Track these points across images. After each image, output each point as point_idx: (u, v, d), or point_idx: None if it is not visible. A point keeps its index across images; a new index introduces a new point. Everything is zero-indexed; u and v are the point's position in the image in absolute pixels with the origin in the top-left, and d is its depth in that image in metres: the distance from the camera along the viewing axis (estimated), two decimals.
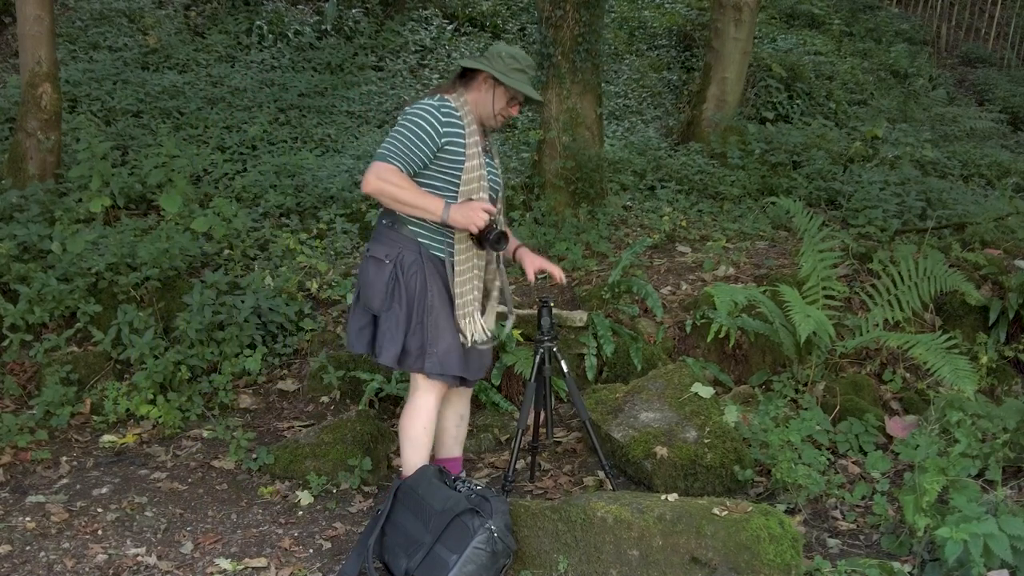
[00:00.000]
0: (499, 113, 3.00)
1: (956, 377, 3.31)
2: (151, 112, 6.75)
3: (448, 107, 2.90)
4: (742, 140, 6.98)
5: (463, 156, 2.89)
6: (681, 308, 4.51)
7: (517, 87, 2.93)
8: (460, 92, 2.99)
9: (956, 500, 2.84)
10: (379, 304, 2.97)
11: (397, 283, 2.94)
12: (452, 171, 2.90)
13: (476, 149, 2.92)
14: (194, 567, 2.95)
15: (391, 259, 2.94)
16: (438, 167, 2.90)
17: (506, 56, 2.94)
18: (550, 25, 5.29)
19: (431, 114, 2.86)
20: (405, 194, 2.83)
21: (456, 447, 3.25)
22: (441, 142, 2.86)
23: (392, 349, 2.95)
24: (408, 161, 2.85)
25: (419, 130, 2.84)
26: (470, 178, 2.90)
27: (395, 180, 2.83)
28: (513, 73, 2.94)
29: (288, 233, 5.09)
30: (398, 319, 2.94)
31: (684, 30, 9.74)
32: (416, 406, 3.04)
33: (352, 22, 8.87)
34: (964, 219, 5.52)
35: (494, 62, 2.95)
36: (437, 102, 2.90)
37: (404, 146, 2.85)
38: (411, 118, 2.87)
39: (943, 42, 11.84)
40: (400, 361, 2.97)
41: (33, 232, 4.47)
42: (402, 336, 2.94)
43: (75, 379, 3.99)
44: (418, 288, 2.93)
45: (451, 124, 2.88)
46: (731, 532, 2.70)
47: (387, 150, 2.86)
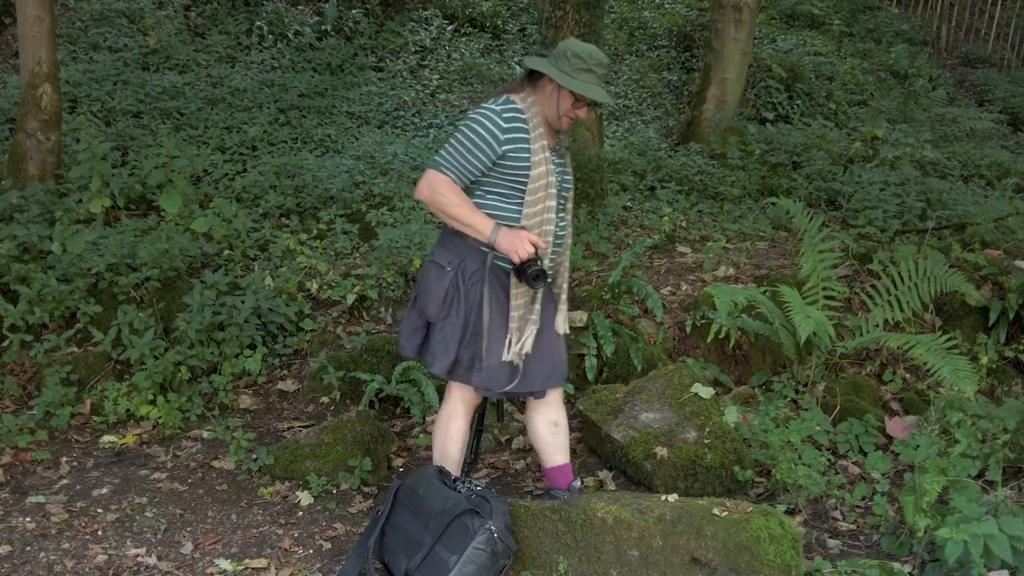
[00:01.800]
0: (564, 115, 2.86)
1: (956, 377, 3.30)
2: (151, 113, 6.75)
3: (512, 110, 2.80)
4: (742, 140, 6.98)
5: (528, 163, 2.79)
6: (681, 308, 4.51)
7: (581, 90, 2.78)
8: (528, 92, 2.86)
9: (956, 500, 2.84)
10: (435, 312, 2.90)
11: (457, 292, 2.86)
12: (516, 177, 2.80)
13: (543, 155, 2.81)
14: (194, 567, 2.95)
15: (453, 266, 2.87)
16: (501, 173, 2.81)
17: (572, 56, 2.79)
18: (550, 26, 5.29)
19: (491, 120, 2.76)
20: (455, 210, 2.77)
21: (558, 455, 3.12)
22: (501, 150, 2.77)
23: (445, 360, 2.89)
24: (462, 172, 2.78)
25: (477, 138, 2.76)
26: (536, 187, 2.80)
27: (446, 192, 2.77)
28: (579, 74, 2.78)
29: (288, 233, 5.09)
30: (454, 329, 2.87)
31: (684, 30, 9.74)
32: (444, 414, 3.06)
33: (352, 23, 8.88)
34: (964, 219, 5.52)
35: (559, 62, 2.80)
36: (500, 106, 2.79)
37: (460, 155, 2.77)
38: (471, 124, 2.78)
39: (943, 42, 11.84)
40: (451, 371, 2.91)
41: (33, 232, 4.47)
42: (456, 347, 2.87)
43: (75, 379, 3.99)
44: (477, 299, 2.85)
45: (514, 130, 2.78)
46: (731, 533, 2.70)
47: (442, 159, 2.79)
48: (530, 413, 3.14)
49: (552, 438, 3.11)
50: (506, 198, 2.83)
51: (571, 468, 3.18)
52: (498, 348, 2.86)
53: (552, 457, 3.13)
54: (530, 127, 2.81)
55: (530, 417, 3.15)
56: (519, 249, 2.73)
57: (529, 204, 2.81)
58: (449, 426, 3.07)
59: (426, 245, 4.81)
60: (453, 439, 3.06)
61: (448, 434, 3.07)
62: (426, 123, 7.46)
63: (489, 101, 2.85)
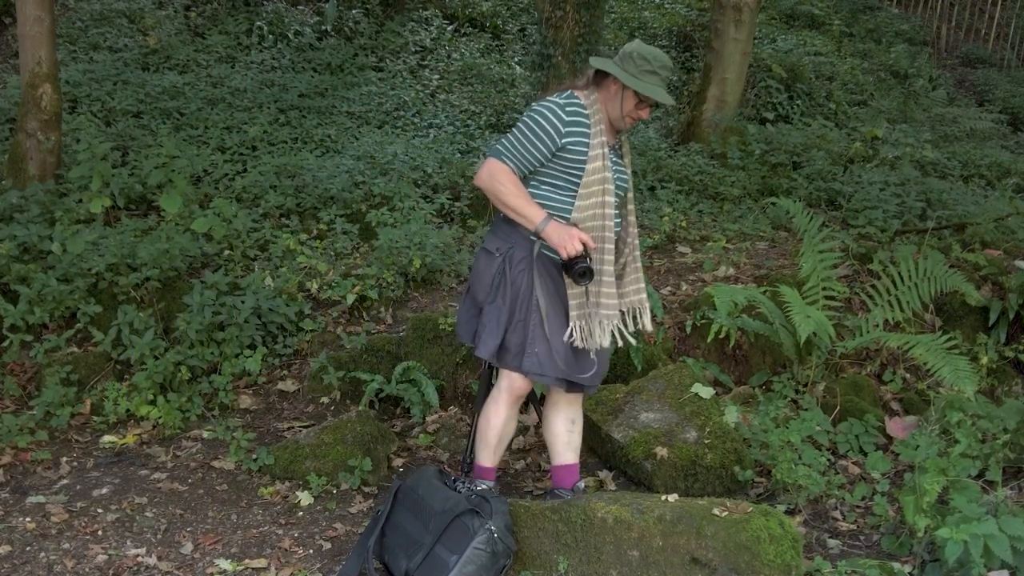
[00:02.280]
0: (627, 115, 2.91)
1: (956, 378, 3.31)
2: (151, 113, 6.75)
3: (575, 105, 2.85)
4: (742, 141, 6.98)
5: (585, 157, 2.84)
6: (681, 308, 4.51)
7: (645, 91, 2.83)
8: (592, 90, 2.92)
9: (956, 501, 2.84)
10: (483, 296, 2.98)
11: (504, 278, 2.93)
12: (573, 171, 2.85)
13: (601, 151, 2.85)
14: (194, 567, 2.95)
15: (501, 253, 2.94)
16: (559, 165, 2.86)
17: (637, 57, 2.84)
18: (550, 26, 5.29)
19: (554, 113, 2.82)
20: (510, 199, 2.83)
21: (570, 453, 3.17)
22: (562, 142, 2.82)
23: (491, 343, 2.95)
24: (522, 161, 2.84)
25: (539, 129, 2.81)
26: (591, 180, 2.84)
27: (504, 180, 2.83)
28: (644, 76, 2.83)
29: (288, 234, 5.09)
30: (500, 313, 2.94)
31: (684, 31, 9.74)
32: (489, 401, 3.10)
33: (352, 23, 8.88)
34: (964, 219, 5.52)
35: (625, 63, 2.85)
36: (564, 100, 2.85)
37: (521, 145, 2.83)
38: (534, 115, 2.84)
39: (943, 43, 11.84)
40: (499, 357, 2.97)
41: (33, 233, 4.47)
42: (502, 331, 2.93)
43: (75, 379, 3.98)
44: (524, 285, 2.91)
45: (575, 124, 2.83)
46: (731, 533, 2.70)
47: (504, 147, 2.86)
48: (549, 408, 3.18)
49: (568, 436, 3.16)
50: (560, 190, 2.88)
51: (578, 469, 3.20)
52: (551, 335, 2.90)
53: (563, 455, 3.16)
54: (591, 123, 2.85)
55: (548, 412, 3.18)
56: (568, 245, 2.77)
57: (583, 197, 2.85)
58: (488, 411, 3.12)
59: (426, 245, 4.82)
60: (491, 424, 3.10)
61: (488, 420, 3.11)
62: (426, 123, 7.46)
63: (553, 95, 2.91)
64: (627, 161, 3.04)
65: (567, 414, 3.15)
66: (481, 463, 3.16)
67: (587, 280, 2.81)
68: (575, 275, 2.80)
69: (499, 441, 3.13)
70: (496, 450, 3.14)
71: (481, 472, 3.15)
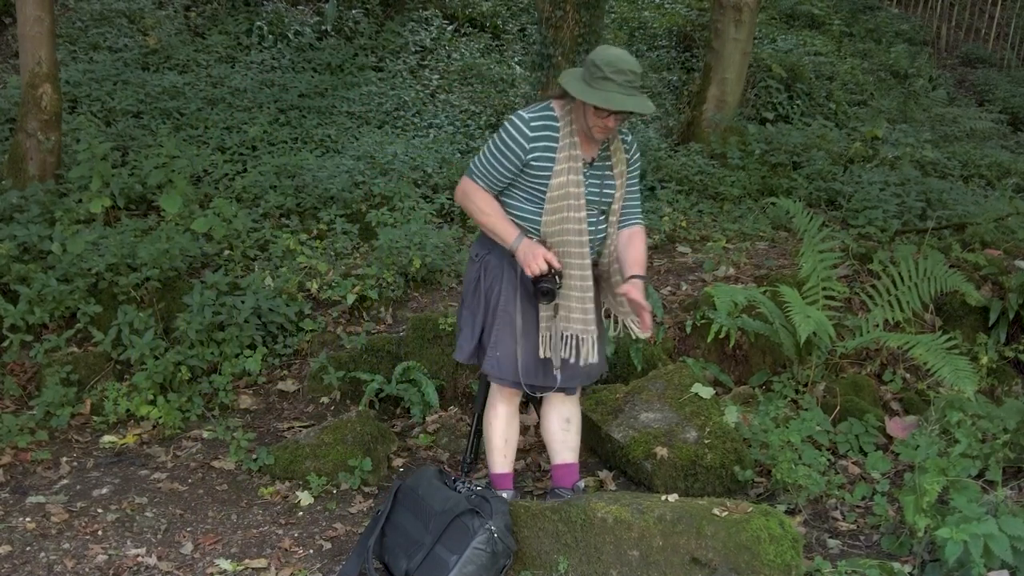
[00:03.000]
0: (593, 126, 2.77)
1: (956, 377, 3.31)
2: (151, 113, 6.75)
3: (544, 117, 2.81)
4: (742, 140, 6.98)
5: (550, 171, 2.80)
6: (681, 308, 4.51)
7: (592, 100, 2.68)
8: (568, 100, 2.83)
9: (956, 500, 2.84)
10: (467, 299, 3.05)
11: (479, 283, 2.98)
12: (539, 184, 2.82)
13: (568, 164, 2.78)
14: (194, 567, 2.96)
15: (479, 258, 2.99)
16: (527, 179, 2.84)
17: (590, 65, 2.72)
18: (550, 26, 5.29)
19: (517, 128, 2.78)
20: (482, 217, 2.88)
21: (567, 453, 3.17)
22: (527, 157, 2.79)
23: (466, 347, 3.03)
24: (491, 179, 2.85)
25: (503, 146, 2.80)
26: (555, 195, 2.80)
27: (476, 199, 2.88)
28: (597, 83, 2.69)
29: (288, 234, 5.09)
30: (475, 317, 3.00)
31: (684, 31, 9.74)
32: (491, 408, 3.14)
33: (352, 23, 8.88)
34: (964, 219, 5.52)
35: (584, 71, 2.74)
36: (532, 113, 2.82)
37: (489, 163, 2.84)
38: (500, 132, 2.83)
39: (943, 42, 11.84)
40: (478, 358, 3.04)
41: (33, 233, 4.47)
42: (478, 334, 3.00)
43: (75, 379, 3.99)
44: (496, 291, 2.95)
45: (542, 138, 2.78)
46: (731, 533, 2.70)
47: (474, 166, 2.89)
48: (545, 408, 3.19)
49: (563, 435, 3.16)
50: (530, 202, 2.87)
51: (577, 468, 3.20)
52: (509, 339, 2.93)
53: (561, 454, 3.17)
54: (561, 135, 2.80)
55: (544, 412, 3.19)
56: (531, 264, 2.78)
57: (548, 212, 2.84)
58: (488, 414, 3.17)
59: (426, 245, 4.82)
60: (491, 426, 3.14)
61: (488, 422, 3.16)
62: (426, 123, 7.46)
63: (529, 105, 2.92)
64: (619, 171, 2.93)
65: (561, 413, 3.15)
66: (495, 471, 3.16)
67: (547, 300, 2.83)
68: (537, 294, 2.83)
69: (506, 442, 3.14)
70: (505, 452, 3.14)
71: (498, 481, 3.15)
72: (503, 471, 3.15)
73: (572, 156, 2.81)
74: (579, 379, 3.08)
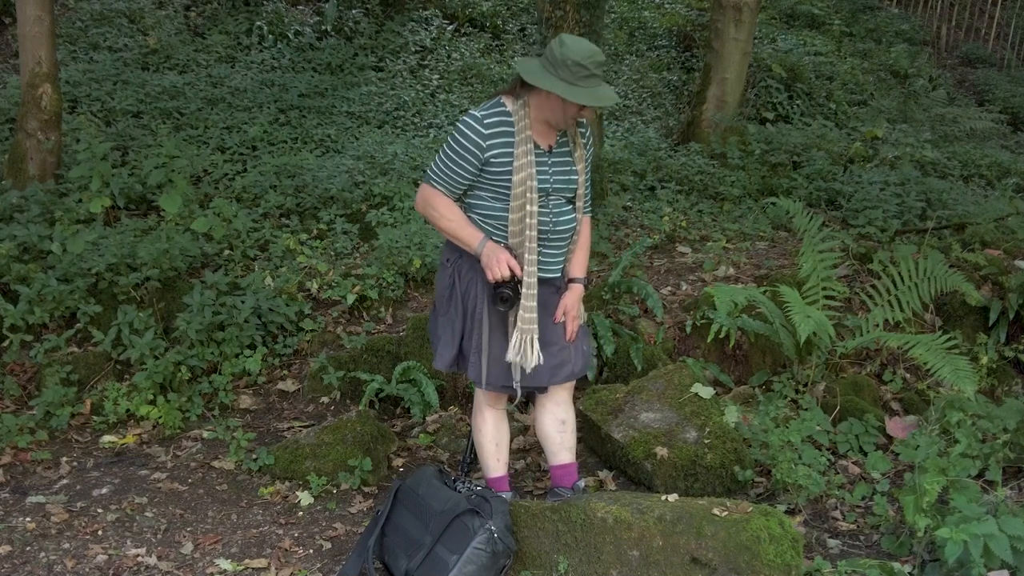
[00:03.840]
0: (568, 117, 2.79)
1: (956, 377, 3.30)
2: (151, 113, 6.75)
3: (497, 114, 2.78)
4: (742, 140, 6.98)
5: (510, 168, 2.79)
6: (681, 308, 4.51)
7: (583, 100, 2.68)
8: (522, 93, 2.82)
9: (956, 500, 2.84)
10: (441, 307, 3.00)
11: (454, 287, 2.93)
12: (498, 182, 2.81)
13: (527, 159, 2.78)
14: (194, 567, 2.96)
15: (451, 263, 2.94)
16: (488, 177, 2.81)
17: (572, 65, 2.67)
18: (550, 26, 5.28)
19: (472, 129, 2.76)
20: (444, 223, 2.85)
21: (564, 453, 3.14)
22: (485, 156, 2.77)
23: (447, 354, 2.97)
24: (450, 184, 2.83)
25: (460, 148, 2.78)
26: (517, 192, 2.79)
27: (436, 205, 2.84)
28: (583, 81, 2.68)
29: (288, 234, 5.09)
30: (454, 323, 2.94)
31: (684, 30, 9.74)
32: (478, 414, 3.12)
33: (352, 23, 8.87)
34: (964, 219, 5.52)
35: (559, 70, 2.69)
36: (484, 112, 2.79)
37: (446, 167, 2.81)
38: (454, 135, 2.80)
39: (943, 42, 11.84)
40: (459, 365, 2.99)
41: (33, 233, 4.47)
42: (457, 341, 2.95)
43: (75, 379, 3.99)
44: (472, 295, 2.91)
45: (497, 135, 2.77)
46: (731, 533, 2.70)
47: (431, 172, 2.85)
48: (539, 410, 3.17)
49: (559, 436, 3.13)
50: (496, 199, 2.85)
51: (576, 468, 3.19)
52: (493, 344, 2.90)
53: (558, 455, 3.15)
54: (516, 130, 2.79)
55: (539, 414, 3.17)
56: (494, 269, 2.77)
57: (514, 210, 2.81)
58: (475, 418, 3.15)
59: (426, 245, 4.81)
60: (480, 431, 3.13)
61: (477, 427, 3.15)
62: (426, 123, 7.46)
63: (477, 107, 2.87)
64: (578, 155, 2.93)
65: (555, 414, 3.12)
66: (490, 475, 3.15)
67: (506, 307, 2.81)
68: (496, 299, 2.81)
69: (497, 446, 3.13)
70: (498, 455, 3.13)
71: (495, 484, 3.14)
72: (498, 474, 3.15)
73: (529, 150, 2.79)
74: (559, 377, 3.02)
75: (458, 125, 2.81)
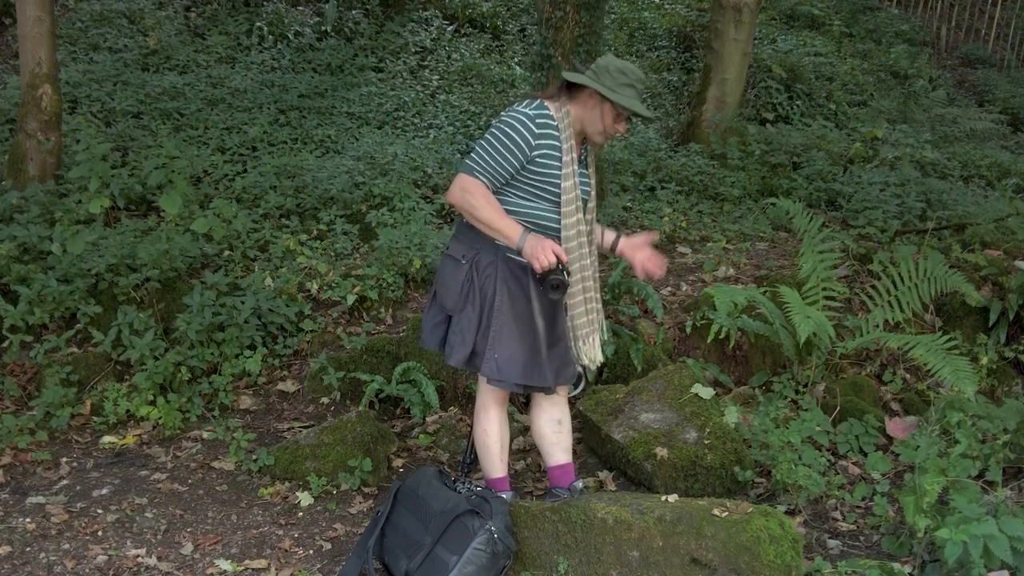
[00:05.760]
0: (606, 129, 2.88)
1: (956, 378, 3.30)
2: (151, 113, 6.75)
3: (545, 116, 2.81)
4: (742, 141, 6.98)
5: (558, 171, 2.81)
6: (681, 309, 4.51)
7: (627, 104, 2.80)
8: (563, 103, 2.87)
9: (956, 501, 2.84)
10: (452, 304, 2.95)
11: (472, 284, 2.90)
12: (544, 183, 2.82)
13: (573, 167, 2.84)
14: (194, 568, 2.96)
15: (468, 259, 2.91)
16: (529, 178, 2.82)
17: (614, 71, 2.81)
18: (550, 26, 5.28)
19: (524, 124, 2.77)
20: (485, 214, 2.79)
21: (560, 453, 3.14)
22: (532, 154, 2.79)
23: (462, 351, 2.94)
24: (494, 175, 2.81)
25: (509, 142, 2.77)
26: (569, 199, 2.83)
27: (477, 196, 2.79)
28: (622, 89, 2.81)
29: (288, 234, 5.09)
30: (470, 321, 2.92)
31: (684, 31, 9.74)
32: (477, 408, 3.11)
33: (352, 23, 8.88)
34: (964, 220, 5.52)
35: (602, 77, 2.82)
36: (534, 111, 2.81)
37: (492, 158, 2.79)
38: (503, 127, 2.79)
39: (943, 43, 11.84)
40: (471, 363, 2.96)
41: (33, 233, 4.47)
42: (473, 337, 2.92)
43: (75, 380, 3.99)
44: (491, 290, 2.89)
45: (546, 136, 2.79)
46: (731, 533, 2.70)
47: (474, 162, 2.81)
48: (535, 411, 3.17)
49: (555, 436, 3.13)
50: (530, 199, 2.85)
51: (573, 468, 3.18)
52: (512, 341, 2.88)
53: (555, 456, 3.14)
54: (563, 137, 2.82)
55: (534, 415, 3.17)
56: (540, 258, 2.73)
57: (566, 216, 2.85)
58: (481, 418, 3.11)
59: (426, 245, 4.82)
60: (487, 431, 3.10)
61: (481, 427, 3.11)
62: (426, 124, 7.46)
63: (522, 104, 2.86)
64: (591, 171, 3.01)
65: (551, 415, 3.12)
66: (491, 475, 3.14)
67: (559, 293, 2.79)
68: (547, 288, 2.78)
69: (502, 447, 3.12)
70: (501, 456, 3.13)
71: (495, 485, 3.14)
72: (501, 475, 3.14)
73: (574, 159, 2.85)
74: (563, 378, 3.04)
75: (507, 119, 2.80)
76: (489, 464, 3.14)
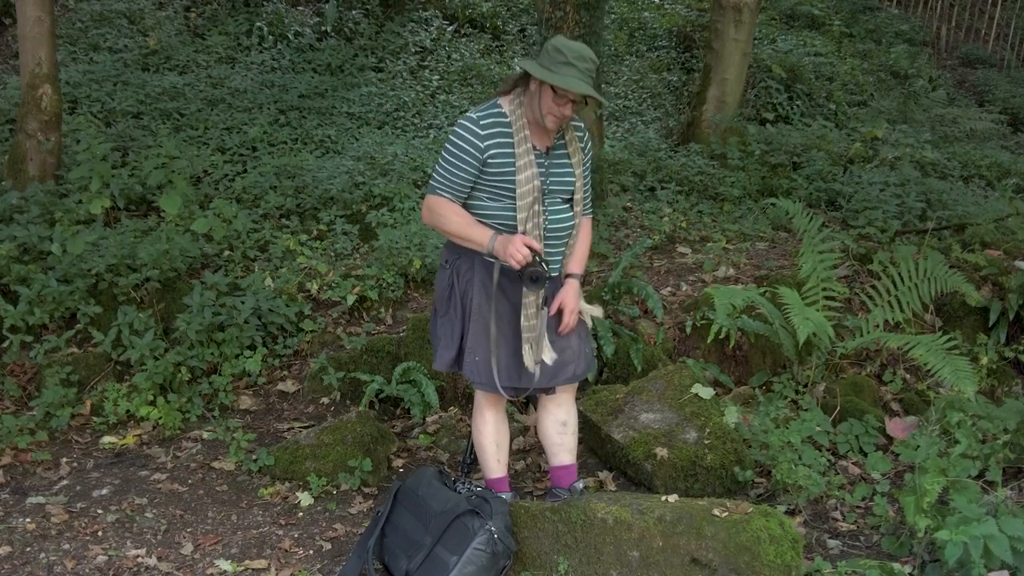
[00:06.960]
0: (548, 113, 2.77)
1: (956, 378, 3.30)
2: (151, 113, 6.75)
3: (493, 115, 2.80)
4: (742, 141, 6.98)
5: (512, 166, 2.79)
6: (681, 309, 4.51)
7: (559, 83, 2.68)
8: (518, 93, 2.84)
9: (956, 501, 2.84)
10: (440, 308, 3.01)
11: (453, 289, 2.94)
12: (502, 182, 2.81)
13: (528, 158, 2.79)
14: (194, 568, 2.96)
15: (450, 264, 2.95)
16: (487, 179, 2.81)
17: (551, 50, 2.72)
18: (550, 27, 5.28)
19: (468, 130, 2.77)
20: (453, 227, 2.83)
21: (564, 454, 3.14)
22: (484, 156, 2.77)
23: (446, 355, 2.98)
24: (454, 188, 2.82)
25: (458, 151, 2.78)
26: (524, 191, 2.80)
27: (443, 211, 2.82)
28: (559, 67, 2.69)
29: (288, 234, 5.09)
30: (453, 325, 2.95)
31: (684, 31, 9.74)
32: (478, 414, 3.12)
33: (352, 23, 8.88)
34: (964, 220, 5.52)
35: (541, 58, 2.76)
36: (480, 113, 2.80)
37: (447, 171, 2.81)
38: (451, 138, 2.80)
39: (943, 43, 11.84)
40: (459, 365, 3.00)
41: (33, 233, 4.47)
42: (457, 342, 2.96)
43: (75, 380, 3.99)
44: (470, 294, 2.91)
45: (494, 135, 2.78)
46: (731, 533, 2.70)
47: (435, 180, 2.85)
48: (540, 411, 3.17)
49: (559, 437, 3.13)
50: (493, 199, 2.85)
51: (576, 470, 3.18)
52: (486, 343, 2.89)
53: (558, 456, 3.15)
54: (514, 129, 2.80)
55: (540, 416, 3.17)
56: (514, 255, 2.73)
57: (521, 209, 2.82)
58: (475, 419, 3.14)
59: (426, 246, 4.82)
60: (481, 432, 3.12)
61: (477, 428, 3.14)
62: (426, 124, 7.46)
63: (473, 109, 2.88)
64: (576, 159, 2.95)
65: (557, 417, 3.12)
66: (490, 476, 3.15)
67: (540, 285, 2.77)
68: (526, 281, 2.77)
69: (498, 447, 3.12)
70: (498, 456, 3.13)
71: (495, 485, 3.14)
72: (498, 475, 3.14)
73: (529, 150, 2.82)
74: (561, 379, 3.02)
75: (455, 129, 2.82)
76: (485, 465, 3.15)
